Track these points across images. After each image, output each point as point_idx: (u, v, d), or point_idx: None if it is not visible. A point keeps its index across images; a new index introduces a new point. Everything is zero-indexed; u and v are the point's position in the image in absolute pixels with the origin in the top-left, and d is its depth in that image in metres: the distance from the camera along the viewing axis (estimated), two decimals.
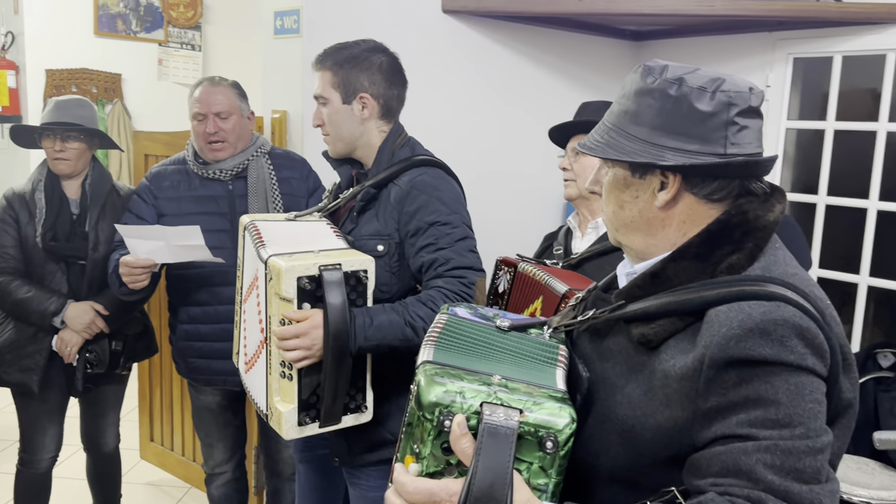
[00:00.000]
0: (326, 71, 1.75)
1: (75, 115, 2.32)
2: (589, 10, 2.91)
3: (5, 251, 2.31)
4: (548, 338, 1.08)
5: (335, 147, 1.80)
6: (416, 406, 0.90)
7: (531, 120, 3.18)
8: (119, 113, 5.51)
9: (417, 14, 2.84)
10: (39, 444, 2.44)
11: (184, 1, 5.76)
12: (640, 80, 0.99)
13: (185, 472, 3.31)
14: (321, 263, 1.50)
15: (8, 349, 2.33)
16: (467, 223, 1.76)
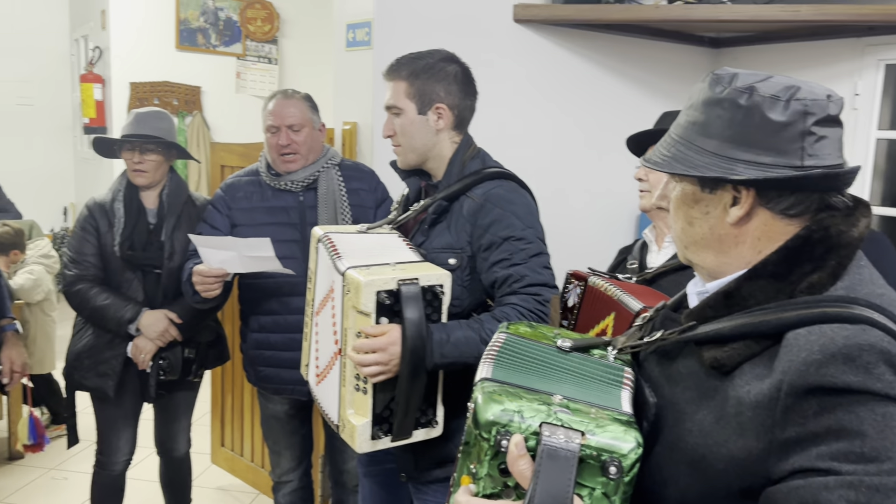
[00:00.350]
0: (401, 81, 1.72)
1: (154, 127, 2.37)
2: (666, 16, 2.83)
3: (85, 259, 2.37)
4: (612, 359, 1.03)
5: (406, 158, 1.78)
6: (473, 424, 0.88)
7: (606, 130, 3.11)
8: (198, 125, 5.69)
9: (488, 24, 2.81)
10: (115, 447, 2.50)
11: (261, 15, 5.91)
12: (708, 90, 0.94)
13: (253, 478, 3.35)
14: (399, 278, 1.49)
15: (86, 354, 2.39)
16: (541, 238, 1.72)
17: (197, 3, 5.64)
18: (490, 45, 2.81)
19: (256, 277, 2.20)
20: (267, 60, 6.03)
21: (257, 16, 5.90)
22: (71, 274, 2.37)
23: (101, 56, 5.53)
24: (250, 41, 5.93)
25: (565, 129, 3.06)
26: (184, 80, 5.63)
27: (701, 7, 2.80)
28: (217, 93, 5.81)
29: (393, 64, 1.75)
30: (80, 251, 2.37)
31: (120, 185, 2.41)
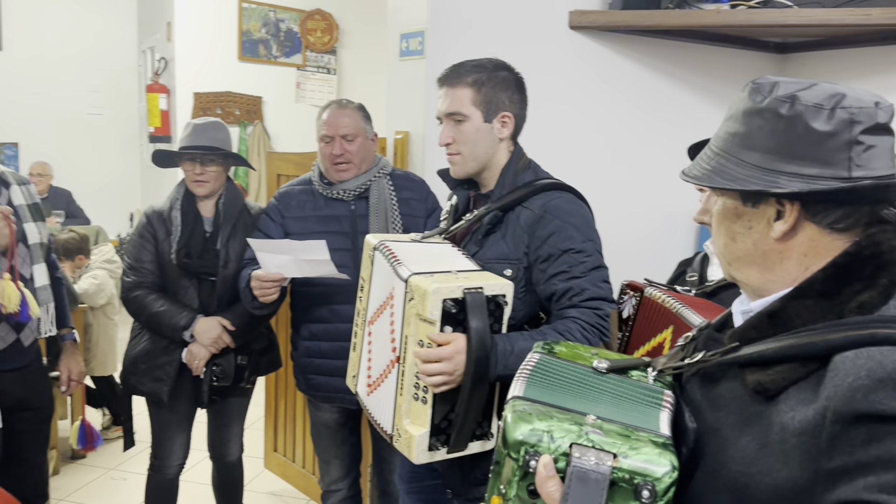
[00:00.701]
0: (466, 88, 1.70)
1: (213, 137, 2.40)
2: (728, 21, 2.73)
3: (143, 266, 2.41)
4: (652, 381, 0.99)
5: (466, 166, 1.74)
6: (502, 444, 0.86)
7: (666, 138, 3.03)
8: (259, 134, 5.80)
9: (543, 32, 2.78)
10: (169, 451, 2.54)
11: (321, 26, 6.00)
12: (747, 100, 0.91)
13: (304, 484, 3.37)
14: (465, 286, 1.47)
15: (142, 359, 2.43)
16: (600, 251, 1.69)
17: (259, 15, 5.76)
18: (545, 52, 2.78)
19: (307, 284, 2.22)
20: (326, 70, 6.12)
21: (317, 27, 5.99)
22: (129, 281, 2.42)
23: (166, 67, 5.70)
24: (310, 52, 6.02)
25: (622, 137, 2.99)
26: (245, 91, 5.75)
27: (765, 11, 2.70)
28: (277, 103, 5.92)
29: (452, 70, 1.73)
30: (138, 258, 2.42)
31: (178, 194, 2.45)
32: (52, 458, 3.41)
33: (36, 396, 2.34)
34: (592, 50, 2.88)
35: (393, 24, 2.77)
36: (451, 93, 1.71)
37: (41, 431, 2.41)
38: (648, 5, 2.85)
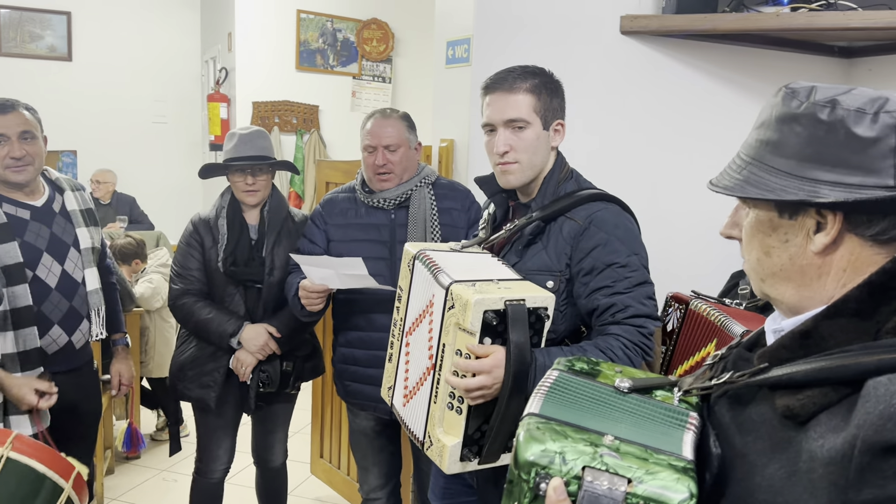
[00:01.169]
0: (525, 94, 1.63)
1: (260, 146, 2.42)
2: (788, 25, 2.62)
3: (190, 273, 2.44)
4: (677, 402, 0.93)
5: (524, 175, 1.67)
6: (514, 463, 0.82)
7: (721, 146, 2.92)
8: (315, 142, 5.88)
9: (593, 37, 2.72)
10: (214, 456, 2.56)
11: (377, 35, 6.06)
12: (782, 106, 0.86)
13: (349, 492, 3.37)
14: (507, 298, 1.43)
15: (189, 366, 2.46)
16: (646, 265, 1.62)
17: (317, 25, 5.85)
18: (595, 58, 2.71)
19: (346, 293, 2.22)
20: (381, 79, 6.17)
21: (373, 36, 6.05)
22: (176, 288, 2.46)
23: (227, 77, 5.83)
24: (366, 61, 6.08)
25: (676, 145, 2.90)
26: (302, 100, 5.84)
27: (827, 14, 2.57)
28: (333, 111, 5.99)
29: (504, 76, 1.66)
30: (184, 266, 2.45)
31: (223, 202, 2.48)
32: (107, 457, 3.51)
33: (86, 399, 2.40)
34: (645, 55, 2.80)
35: (440, 31, 2.76)
36: (509, 99, 1.63)
37: (88, 434, 2.47)
38: (704, 9, 2.75)
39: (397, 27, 6.11)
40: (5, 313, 2.11)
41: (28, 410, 2.14)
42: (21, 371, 2.15)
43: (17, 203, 2.21)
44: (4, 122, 2.14)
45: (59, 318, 2.24)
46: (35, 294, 2.17)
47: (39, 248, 2.21)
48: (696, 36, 2.81)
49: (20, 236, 2.17)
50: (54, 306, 2.23)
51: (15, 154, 2.14)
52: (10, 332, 2.12)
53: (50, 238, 2.24)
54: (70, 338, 2.28)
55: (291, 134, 5.82)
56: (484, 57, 2.55)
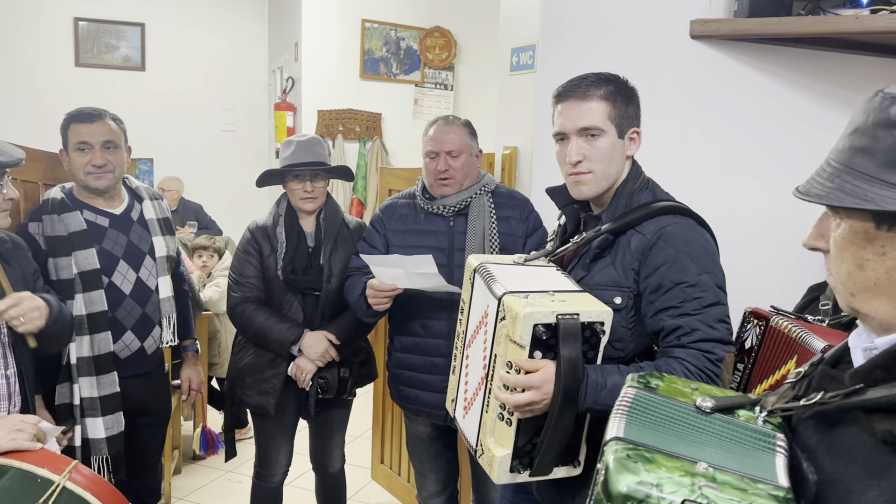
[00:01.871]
0: (600, 101, 1.57)
1: (318, 153, 2.44)
2: (868, 28, 2.51)
3: (248, 281, 2.45)
4: (761, 423, 0.89)
5: (598, 185, 1.60)
6: (604, 494, 0.78)
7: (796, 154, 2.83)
8: (377, 149, 5.94)
9: (662, 42, 2.66)
10: (273, 460, 2.59)
11: (439, 43, 6.08)
12: (879, 112, 0.81)
13: (409, 499, 3.37)
14: (559, 311, 1.38)
15: (248, 373, 2.48)
16: (720, 285, 1.52)
17: (380, 34, 5.91)
18: (664, 64, 2.66)
19: (403, 298, 2.22)
20: (443, 87, 6.19)
21: (436, 44, 6.08)
22: (235, 296, 2.47)
23: (293, 86, 5.95)
24: (428, 68, 6.11)
25: (749, 153, 2.81)
26: (366, 108, 5.91)
27: None
28: (396, 119, 6.04)
29: (577, 83, 1.60)
30: (243, 273, 2.46)
31: (280, 210, 2.49)
32: (174, 458, 3.60)
33: (155, 402, 2.47)
34: (716, 60, 2.73)
35: (504, 38, 2.74)
36: (582, 106, 1.57)
37: (158, 435, 2.53)
38: (778, 12, 2.66)
39: (459, 34, 6.13)
40: (82, 318, 2.19)
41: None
42: (96, 375, 2.22)
43: (97, 210, 2.29)
44: (89, 131, 2.22)
45: (132, 325, 2.31)
46: (110, 300, 2.24)
47: (116, 256, 2.28)
48: (769, 40, 2.72)
49: (98, 243, 2.25)
50: (128, 312, 2.30)
51: (97, 162, 2.22)
52: (86, 336, 2.20)
53: (127, 246, 2.31)
54: (142, 343, 2.34)
55: (354, 141, 5.90)
56: (549, 63, 2.53)
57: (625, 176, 1.62)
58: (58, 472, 1.59)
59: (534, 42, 2.54)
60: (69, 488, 1.58)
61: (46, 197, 2.26)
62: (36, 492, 1.56)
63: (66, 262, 2.19)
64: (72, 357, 2.20)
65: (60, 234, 2.20)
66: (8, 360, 1.83)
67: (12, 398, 1.81)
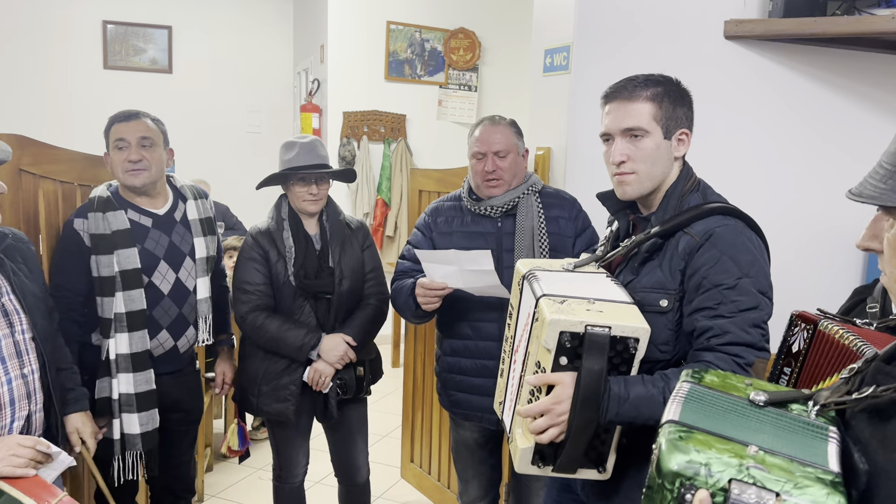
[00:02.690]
0: (645, 102, 1.57)
1: (321, 155, 2.42)
2: None
3: (257, 288, 2.39)
4: (814, 416, 0.91)
5: (641, 186, 1.60)
6: (656, 472, 0.82)
7: (833, 156, 2.82)
8: (402, 151, 5.97)
9: (696, 44, 2.66)
10: (294, 461, 2.58)
11: (464, 44, 6.10)
12: None
13: (440, 497, 3.39)
14: (589, 322, 1.37)
15: (263, 381, 2.44)
16: (762, 290, 1.49)
17: (405, 36, 5.94)
18: (698, 65, 2.66)
19: (451, 301, 2.20)
20: (467, 88, 6.20)
21: (460, 45, 6.10)
22: (244, 305, 2.41)
23: (319, 87, 5.99)
24: (452, 70, 6.13)
25: (785, 154, 2.81)
26: (390, 109, 5.94)
27: None
28: (420, 120, 6.07)
29: (625, 84, 1.60)
30: (250, 281, 2.40)
31: (282, 214, 2.45)
32: (206, 455, 3.64)
33: (188, 399, 2.49)
34: (750, 61, 2.73)
35: (537, 39, 2.75)
36: (628, 107, 1.57)
37: (190, 431, 2.56)
38: (813, 12, 2.66)
39: (484, 36, 6.15)
40: (121, 315, 2.23)
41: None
42: (133, 371, 2.25)
43: (141, 210, 2.32)
44: (126, 129, 2.25)
45: (168, 324, 2.34)
46: (148, 299, 2.27)
47: (157, 256, 2.31)
48: (804, 40, 2.72)
49: (140, 243, 2.28)
50: (164, 312, 2.33)
51: (132, 157, 2.24)
52: (125, 333, 2.24)
53: (168, 246, 2.34)
54: (176, 343, 2.37)
55: (379, 143, 5.93)
56: (584, 64, 2.54)
57: (675, 178, 1.61)
58: (44, 503, 1.54)
59: (568, 43, 2.55)
60: None
61: (93, 195, 2.29)
62: None
63: (108, 259, 2.23)
64: (111, 353, 2.23)
65: (104, 231, 2.23)
66: (26, 358, 1.82)
67: (32, 396, 1.80)
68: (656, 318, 1.51)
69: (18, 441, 1.66)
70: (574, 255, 2.25)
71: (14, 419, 1.76)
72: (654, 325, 1.50)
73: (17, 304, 1.81)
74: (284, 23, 6.85)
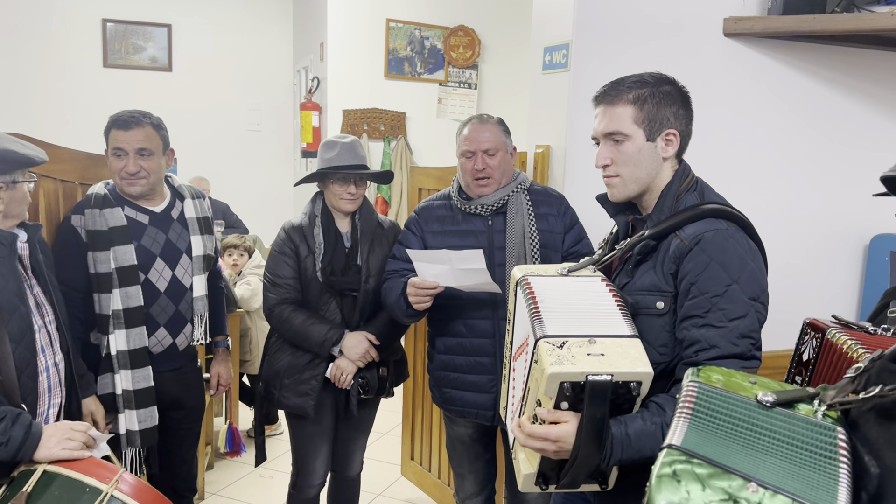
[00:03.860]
0: (626, 105, 1.56)
1: (361, 156, 2.45)
2: None
3: (286, 282, 2.43)
4: (821, 416, 0.89)
5: (626, 189, 1.60)
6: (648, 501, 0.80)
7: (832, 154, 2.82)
8: (402, 148, 5.97)
9: (695, 41, 2.66)
10: (311, 468, 2.56)
11: (463, 42, 6.10)
12: None
13: (440, 495, 3.40)
14: (590, 372, 1.33)
15: (285, 374, 2.45)
16: (752, 296, 1.45)
17: (405, 34, 5.93)
18: (697, 63, 2.66)
19: (443, 299, 2.21)
20: (467, 85, 6.20)
21: (460, 43, 6.09)
22: (272, 297, 2.45)
23: (318, 85, 5.98)
24: (452, 67, 6.13)
25: (784, 152, 2.80)
26: (390, 107, 5.94)
27: None
28: (419, 118, 6.06)
29: (610, 87, 1.60)
30: (279, 274, 2.44)
31: (316, 210, 2.47)
32: (206, 453, 3.65)
33: (188, 396, 2.49)
34: (750, 58, 2.73)
35: (537, 37, 2.75)
36: (610, 111, 1.57)
37: (192, 429, 2.56)
38: (812, 9, 2.66)
39: (484, 33, 6.14)
40: (119, 312, 2.23)
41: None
42: (132, 368, 2.25)
43: (138, 208, 2.33)
44: (124, 138, 2.24)
45: (165, 321, 2.35)
46: (145, 296, 2.28)
47: (154, 253, 2.32)
48: (803, 37, 2.71)
49: (137, 240, 2.28)
50: (161, 309, 2.34)
51: (129, 170, 2.25)
52: (122, 330, 2.24)
53: (165, 244, 2.35)
54: (174, 340, 2.38)
55: (379, 141, 5.93)
56: (583, 62, 2.53)
57: (668, 178, 1.59)
58: (105, 480, 1.62)
59: (567, 41, 2.54)
60: (117, 496, 1.61)
61: (90, 192, 2.30)
62: (85, 501, 1.59)
63: (105, 256, 2.23)
64: (112, 349, 2.24)
65: (101, 228, 2.23)
66: (56, 348, 1.86)
67: (61, 386, 1.85)
68: (653, 321, 1.50)
69: (71, 426, 1.74)
70: (563, 251, 2.27)
71: (49, 406, 1.81)
72: (651, 328, 1.50)
73: (43, 295, 1.87)
74: (284, 20, 6.85)
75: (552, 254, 2.25)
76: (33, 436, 1.66)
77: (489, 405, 2.27)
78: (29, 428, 1.66)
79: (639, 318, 1.51)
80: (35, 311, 1.82)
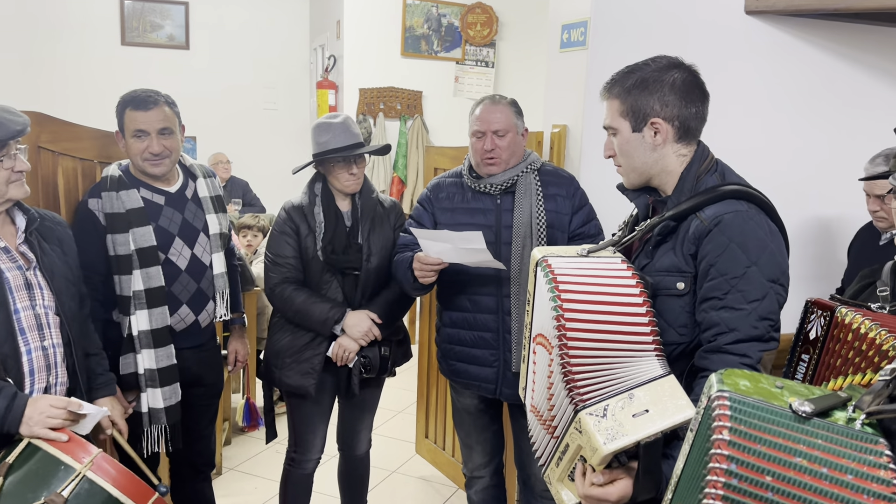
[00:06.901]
0: (614, 99, 1.59)
1: (356, 134, 2.43)
2: None
3: (287, 261, 2.43)
4: (859, 426, 0.87)
5: (629, 178, 1.64)
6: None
7: (855, 133, 2.77)
8: (418, 127, 5.95)
9: (715, 18, 2.62)
10: (310, 445, 2.59)
11: (481, 20, 6.04)
12: None
13: (453, 472, 3.43)
14: (642, 438, 1.28)
15: (287, 353, 2.46)
16: (772, 277, 1.44)
17: (422, 11, 5.89)
18: (718, 41, 2.62)
19: (451, 274, 2.25)
20: (484, 64, 6.15)
21: (477, 20, 6.04)
22: (274, 276, 2.46)
23: (335, 64, 5.96)
24: (469, 45, 6.08)
25: (806, 131, 2.77)
26: (407, 86, 5.91)
27: None
28: (436, 96, 6.03)
29: (607, 82, 1.62)
30: (280, 253, 2.44)
31: (316, 190, 2.47)
32: (224, 429, 3.69)
33: (208, 373, 2.52)
34: (771, 36, 2.68)
35: (554, 15, 2.72)
36: (606, 105, 1.63)
37: (211, 406, 2.59)
38: None
39: (501, 11, 6.08)
40: (140, 292, 2.25)
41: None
42: (154, 347, 2.28)
43: (153, 189, 2.34)
44: (146, 119, 2.25)
45: (188, 299, 2.37)
46: (166, 275, 2.29)
47: (172, 233, 2.33)
48: (827, 15, 2.66)
49: (155, 221, 2.30)
50: (183, 287, 2.36)
51: (154, 150, 2.25)
52: (144, 310, 2.26)
53: (182, 223, 2.36)
54: (196, 317, 2.40)
55: (395, 119, 5.91)
56: (601, 40, 2.50)
57: (684, 161, 1.58)
58: (80, 460, 1.64)
59: (585, 18, 2.51)
60: (90, 477, 1.62)
61: (105, 174, 2.31)
62: (59, 477, 1.61)
63: (124, 238, 2.25)
64: (133, 329, 2.27)
65: (118, 210, 2.25)
66: (47, 332, 1.84)
67: (52, 369, 1.83)
68: (674, 301, 1.50)
69: (51, 402, 1.70)
70: (570, 232, 2.27)
71: (33, 391, 1.79)
72: (671, 308, 1.49)
73: (41, 280, 1.85)
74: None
75: (558, 234, 2.28)
76: (16, 407, 1.67)
77: (492, 378, 2.32)
78: (12, 399, 1.67)
79: (659, 298, 1.51)
80: (18, 292, 1.79)
